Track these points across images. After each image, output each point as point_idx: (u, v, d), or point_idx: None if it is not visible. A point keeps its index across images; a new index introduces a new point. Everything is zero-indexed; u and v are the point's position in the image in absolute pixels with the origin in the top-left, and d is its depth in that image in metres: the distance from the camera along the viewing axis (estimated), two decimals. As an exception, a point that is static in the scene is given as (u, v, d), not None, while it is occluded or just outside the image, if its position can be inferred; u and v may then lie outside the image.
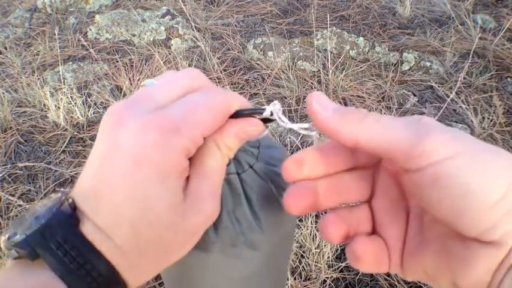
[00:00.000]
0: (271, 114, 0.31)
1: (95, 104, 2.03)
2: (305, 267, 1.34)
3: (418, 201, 0.27)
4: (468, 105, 1.92)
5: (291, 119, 1.93)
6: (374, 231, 0.31)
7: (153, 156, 0.26)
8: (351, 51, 2.34)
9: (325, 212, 0.35)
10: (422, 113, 1.94)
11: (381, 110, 1.95)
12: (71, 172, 1.71)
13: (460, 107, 1.93)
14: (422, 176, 0.25)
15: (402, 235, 0.30)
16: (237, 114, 0.30)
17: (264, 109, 0.31)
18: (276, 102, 0.31)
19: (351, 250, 0.30)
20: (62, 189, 0.29)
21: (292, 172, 0.30)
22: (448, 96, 1.95)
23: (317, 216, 1.45)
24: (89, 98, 2.07)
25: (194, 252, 0.31)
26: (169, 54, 2.28)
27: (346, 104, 1.99)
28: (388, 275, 1.35)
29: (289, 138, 1.72)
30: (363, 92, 2.06)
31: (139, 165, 0.26)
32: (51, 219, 0.26)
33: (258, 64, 2.27)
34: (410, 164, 0.25)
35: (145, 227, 0.27)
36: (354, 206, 0.32)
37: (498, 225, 0.23)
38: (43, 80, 2.18)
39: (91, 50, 2.27)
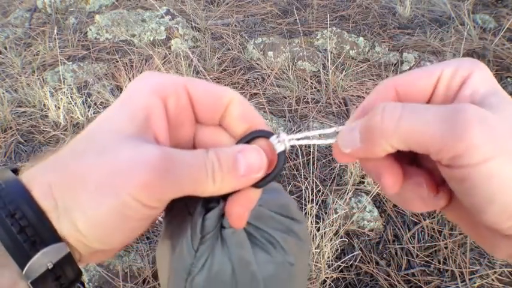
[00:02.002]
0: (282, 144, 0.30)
1: (95, 104, 2.03)
2: (305, 267, 1.34)
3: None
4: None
5: (291, 119, 1.93)
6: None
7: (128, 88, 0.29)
8: (351, 51, 2.34)
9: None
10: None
11: (380, 110, 1.95)
12: (71, 172, 1.71)
13: (460, 107, 1.93)
14: (450, 172, 0.24)
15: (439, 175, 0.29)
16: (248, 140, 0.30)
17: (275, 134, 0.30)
18: (281, 134, 0.30)
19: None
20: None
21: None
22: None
23: (317, 216, 1.45)
24: (89, 98, 2.07)
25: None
26: (169, 54, 2.28)
27: (346, 104, 1.99)
28: (388, 274, 1.35)
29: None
30: (363, 92, 2.06)
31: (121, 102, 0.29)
32: None
33: (258, 64, 2.27)
34: (442, 161, 0.24)
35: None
36: None
37: None
38: (43, 80, 2.18)
39: (92, 49, 2.27)
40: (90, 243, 0.26)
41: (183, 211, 0.33)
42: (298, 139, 0.31)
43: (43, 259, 0.25)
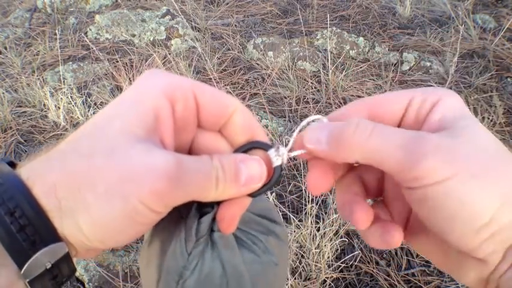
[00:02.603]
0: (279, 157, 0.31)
1: (95, 104, 2.03)
2: (305, 267, 1.34)
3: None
4: (468, 105, 1.92)
5: (291, 119, 1.93)
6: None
7: (135, 85, 0.28)
8: (351, 51, 2.34)
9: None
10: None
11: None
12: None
13: (460, 107, 1.93)
14: (412, 194, 0.26)
15: (406, 214, 0.31)
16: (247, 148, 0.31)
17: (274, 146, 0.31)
18: (280, 147, 0.31)
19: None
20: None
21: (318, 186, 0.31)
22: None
23: (317, 216, 1.45)
24: (89, 98, 2.07)
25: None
26: (169, 54, 2.28)
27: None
28: (388, 274, 1.35)
29: (287, 139, 1.72)
30: (363, 92, 2.06)
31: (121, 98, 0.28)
32: None
33: (258, 64, 2.27)
34: (402, 182, 0.26)
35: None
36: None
37: (482, 246, 0.24)
38: (43, 80, 2.18)
39: (94, 48, 2.27)
40: (91, 243, 0.26)
41: (173, 215, 0.34)
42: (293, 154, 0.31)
43: (42, 259, 0.25)
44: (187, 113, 0.29)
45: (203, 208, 0.32)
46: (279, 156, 0.31)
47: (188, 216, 0.33)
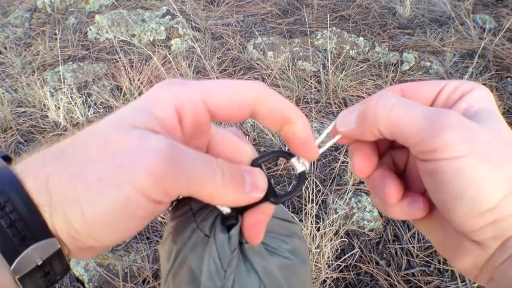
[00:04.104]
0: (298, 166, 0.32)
1: (95, 104, 2.03)
2: (305, 267, 1.34)
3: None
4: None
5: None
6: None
7: (148, 95, 0.27)
8: (351, 51, 2.34)
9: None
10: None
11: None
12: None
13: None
14: (425, 165, 0.27)
15: (423, 190, 0.31)
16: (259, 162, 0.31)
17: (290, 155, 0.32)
18: (304, 163, 0.32)
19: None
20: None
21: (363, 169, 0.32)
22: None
23: (317, 216, 1.45)
24: (89, 98, 2.07)
25: None
26: (169, 54, 2.28)
27: (346, 104, 1.99)
28: (388, 274, 1.35)
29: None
30: (363, 92, 2.06)
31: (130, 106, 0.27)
32: None
33: (258, 64, 2.27)
34: (418, 154, 0.27)
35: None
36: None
37: (483, 230, 0.25)
38: (43, 80, 2.18)
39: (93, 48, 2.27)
40: (83, 239, 0.25)
41: (198, 235, 0.33)
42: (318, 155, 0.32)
43: (33, 255, 0.24)
44: (197, 125, 0.28)
45: (227, 221, 0.32)
46: (302, 164, 0.31)
47: (215, 233, 0.32)
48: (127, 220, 0.24)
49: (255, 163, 0.31)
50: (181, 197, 0.34)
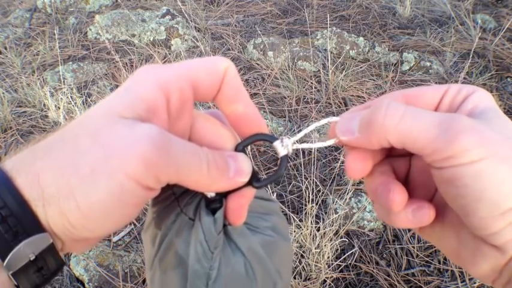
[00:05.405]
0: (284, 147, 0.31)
1: (95, 104, 2.03)
2: (305, 267, 1.34)
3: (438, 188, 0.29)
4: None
5: (291, 119, 1.93)
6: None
7: (133, 78, 0.28)
8: (351, 51, 2.34)
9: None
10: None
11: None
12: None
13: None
14: (441, 173, 0.26)
15: (429, 197, 0.31)
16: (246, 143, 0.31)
17: (275, 138, 0.31)
18: (284, 139, 0.31)
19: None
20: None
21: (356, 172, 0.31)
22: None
23: (317, 216, 1.45)
24: (89, 98, 2.07)
25: None
26: (169, 54, 2.28)
27: (346, 104, 1.99)
28: (388, 274, 1.35)
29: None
30: (363, 92, 2.06)
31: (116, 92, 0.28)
32: None
33: (258, 64, 2.27)
34: (433, 163, 0.26)
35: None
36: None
37: (502, 232, 0.25)
38: (43, 80, 2.18)
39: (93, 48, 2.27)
40: (78, 231, 0.25)
41: (182, 219, 0.34)
42: (300, 142, 0.32)
43: (25, 250, 0.24)
44: (183, 102, 0.29)
45: (211, 205, 0.33)
46: (284, 147, 0.31)
47: (200, 216, 0.33)
48: (121, 209, 0.25)
49: (238, 148, 0.31)
50: None
